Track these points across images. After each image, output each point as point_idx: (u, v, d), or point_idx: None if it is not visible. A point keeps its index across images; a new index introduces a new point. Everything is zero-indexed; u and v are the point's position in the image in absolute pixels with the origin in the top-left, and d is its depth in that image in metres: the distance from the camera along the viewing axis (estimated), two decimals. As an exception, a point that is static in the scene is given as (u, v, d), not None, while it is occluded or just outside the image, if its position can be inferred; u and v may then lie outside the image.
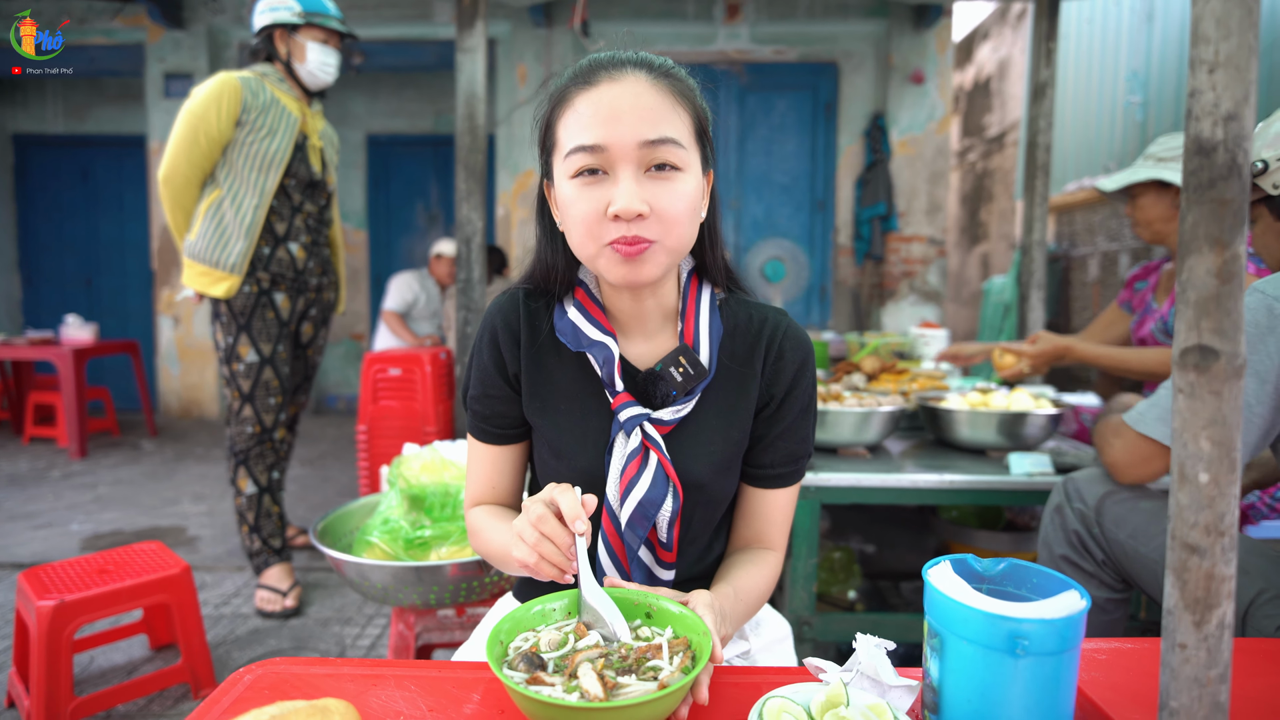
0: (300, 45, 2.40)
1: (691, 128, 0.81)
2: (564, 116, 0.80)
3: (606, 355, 0.86)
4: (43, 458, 4.59)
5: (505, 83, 5.22)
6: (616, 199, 0.76)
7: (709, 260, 0.92)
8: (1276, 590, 1.11)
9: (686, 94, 0.81)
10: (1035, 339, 2.02)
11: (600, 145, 0.76)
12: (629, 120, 0.76)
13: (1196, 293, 0.48)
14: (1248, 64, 0.45)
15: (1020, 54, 5.64)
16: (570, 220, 0.81)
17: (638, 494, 0.85)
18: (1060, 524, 1.39)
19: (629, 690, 0.62)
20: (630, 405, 0.86)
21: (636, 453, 0.85)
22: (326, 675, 0.74)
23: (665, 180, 0.78)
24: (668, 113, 0.78)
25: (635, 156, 0.76)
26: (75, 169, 6.49)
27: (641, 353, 0.91)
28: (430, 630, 1.63)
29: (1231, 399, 0.47)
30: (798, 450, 0.93)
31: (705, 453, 0.88)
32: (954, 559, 0.65)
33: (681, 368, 0.86)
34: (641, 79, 0.78)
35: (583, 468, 0.88)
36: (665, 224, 0.78)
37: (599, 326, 0.88)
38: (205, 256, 2.34)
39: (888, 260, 5.15)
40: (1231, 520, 0.49)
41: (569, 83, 0.80)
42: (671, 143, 0.77)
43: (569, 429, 0.90)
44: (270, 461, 2.49)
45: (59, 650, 1.65)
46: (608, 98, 0.77)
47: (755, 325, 0.92)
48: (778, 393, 0.91)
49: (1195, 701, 0.50)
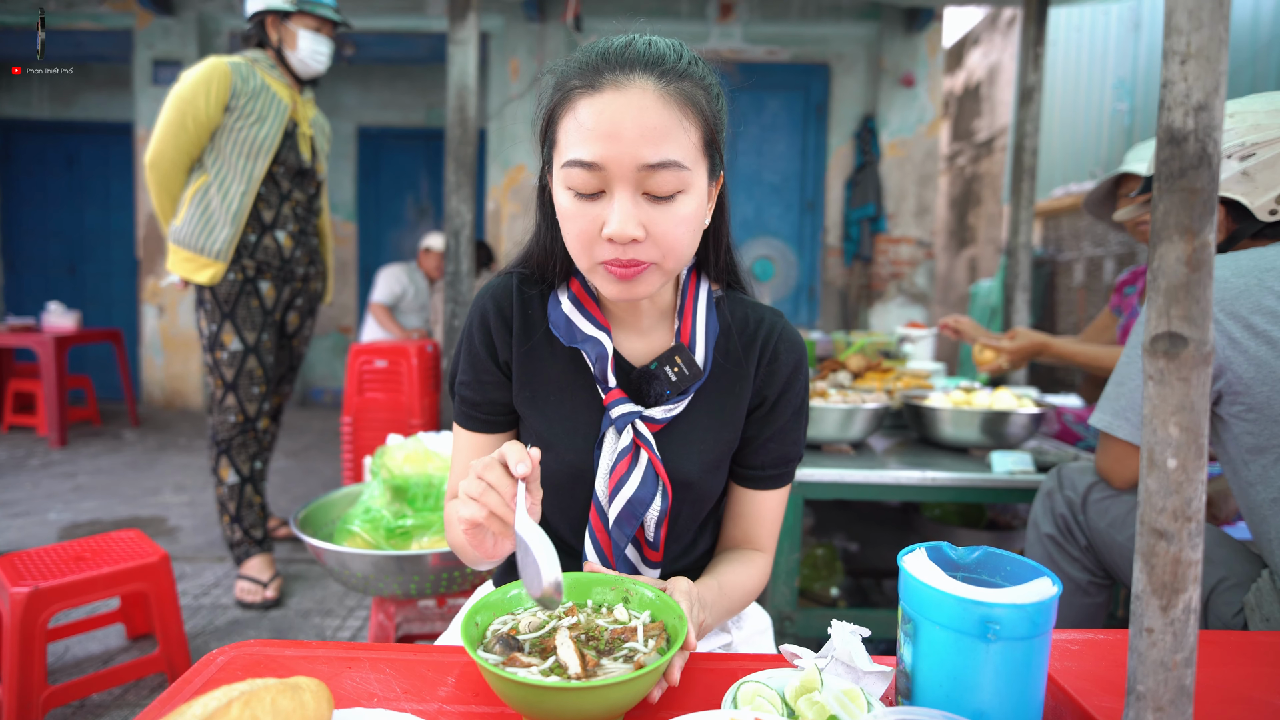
0: (292, 33, 2.38)
1: (699, 139, 0.76)
2: (564, 118, 0.76)
3: (600, 351, 0.85)
4: (21, 446, 4.53)
5: (497, 77, 5.21)
6: (611, 221, 0.73)
7: (710, 258, 0.90)
8: (1237, 578, 1.14)
9: (697, 101, 0.76)
10: (1014, 334, 2.06)
11: (597, 163, 0.72)
12: (630, 139, 0.72)
13: (1167, 280, 0.48)
14: (1218, 55, 0.45)
15: (1010, 60, 5.68)
16: (565, 232, 0.79)
17: (626, 493, 0.84)
18: (1049, 507, 1.44)
19: (604, 671, 0.62)
20: (622, 402, 0.85)
21: (627, 451, 0.84)
22: (301, 658, 0.74)
23: (664, 203, 0.74)
24: (673, 129, 0.73)
25: (633, 179, 0.73)
26: (61, 155, 6.41)
27: (635, 348, 0.90)
28: (411, 621, 1.62)
29: (1200, 386, 0.48)
30: (789, 452, 0.93)
31: (696, 451, 0.87)
32: (929, 546, 0.66)
33: (676, 367, 0.85)
34: (649, 89, 0.73)
35: (571, 461, 0.87)
36: (662, 247, 0.76)
37: (593, 320, 0.86)
38: (190, 242, 2.32)
39: (876, 261, 5.17)
40: (1198, 506, 0.49)
41: (575, 76, 0.75)
42: (673, 166, 0.73)
43: (559, 421, 0.88)
44: (253, 451, 2.47)
45: (32, 638, 1.63)
46: (610, 110, 0.72)
47: (751, 325, 0.91)
48: (771, 394, 0.90)
49: (1161, 685, 0.51)
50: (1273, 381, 1.06)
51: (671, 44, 0.77)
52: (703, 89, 0.77)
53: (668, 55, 0.75)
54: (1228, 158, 1.18)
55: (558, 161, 0.77)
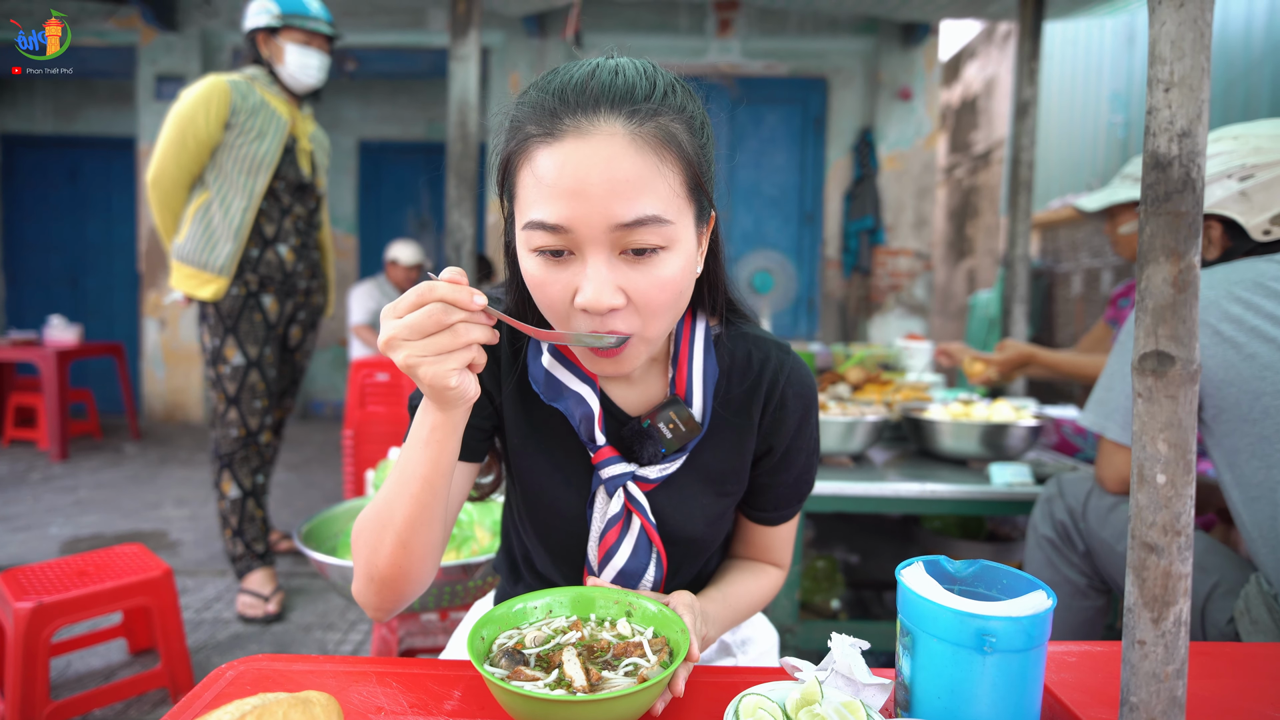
0: (280, 48, 2.41)
1: (682, 183, 0.65)
2: (521, 169, 0.66)
3: (584, 412, 0.77)
4: (22, 460, 4.54)
5: (498, 91, 5.25)
6: (585, 290, 0.63)
7: (705, 297, 0.81)
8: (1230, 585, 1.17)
9: (676, 139, 0.65)
10: (1002, 346, 2.12)
11: (562, 226, 0.62)
12: (598, 196, 0.61)
13: (1154, 300, 0.50)
14: (1200, 84, 0.47)
15: (1007, 73, 5.73)
16: (535, 299, 0.68)
17: (617, 564, 0.79)
18: (1049, 512, 1.47)
19: (609, 684, 0.63)
20: (613, 461, 0.78)
21: (618, 518, 0.79)
22: (308, 672, 0.75)
23: (644, 263, 0.64)
24: (650, 178, 0.62)
25: (606, 240, 0.63)
26: (63, 169, 6.45)
27: (627, 397, 0.82)
28: (413, 634, 1.63)
29: (1187, 403, 0.50)
30: (801, 492, 0.88)
31: (698, 508, 0.82)
32: (927, 560, 0.67)
33: (672, 424, 0.77)
34: (617, 133, 0.62)
35: (564, 513, 0.82)
36: (644, 315, 0.66)
37: (577, 373, 0.78)
38: (193, 259, 2.34)
39: (875, 273, 5.20)
40: (1187, 520, 0.51)
41: (529, 121, 0.65)
42: (652, 222, 0.63)
43: (549, 473, 0.82)
44: (255, 465, 2.48)
45: (36, 653, 1.63)
46: (572, 163, 0.61)
47: (755, 366, 0.82)
48: (779, 444, 0.83)
49: (1154, 696, 0.52)
50: (1240, 383, 1.11)
51: (643, 69, 0.67)
52: (683, 121, 0.66)
53: (638, 87, 0.64)
54: (1227, 178, 1.22)
55: (519, 219, 0.67)
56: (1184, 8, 0.47)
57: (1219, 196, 1.23)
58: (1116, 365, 1.27)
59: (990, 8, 3.71)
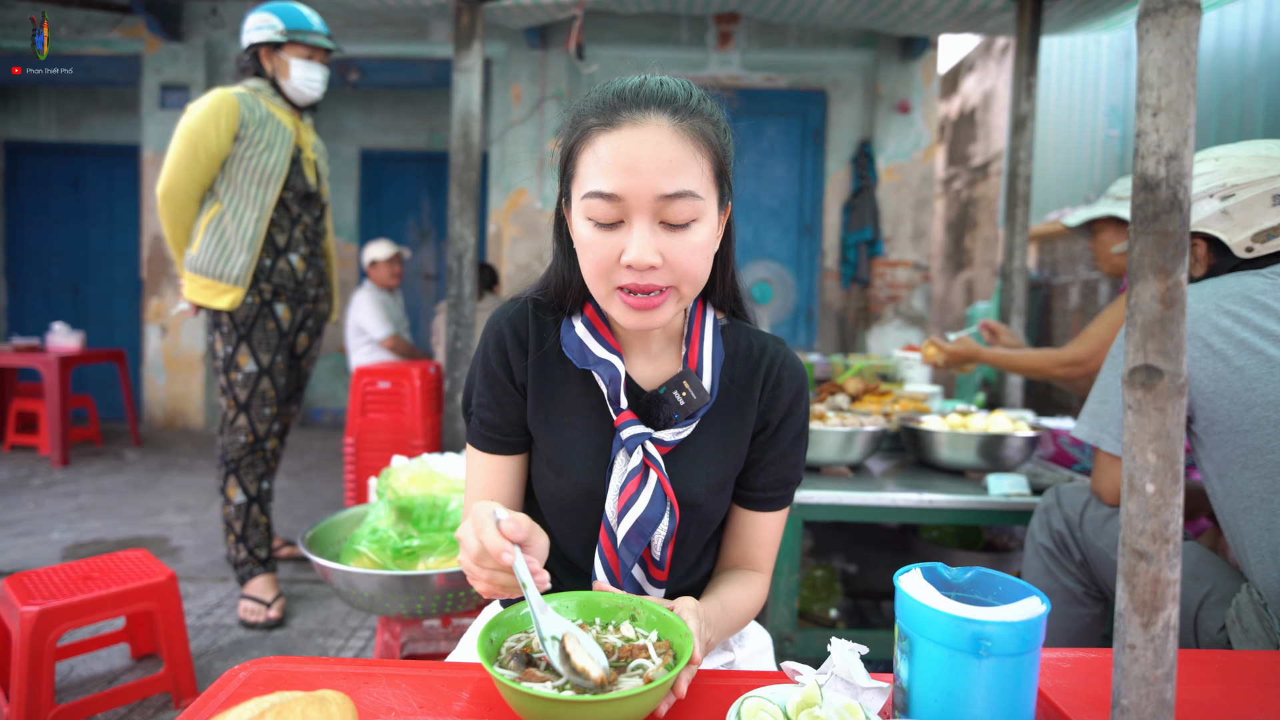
0: (284, 62, 2.44)
1: (711, 171, 0.81)
2: (583, 153, 0.81)
3: (612, 374, 0.88)
4: (24, 466, 4.54)
5: (500, 102, 5.29)
6: (630, 249, 0.78)
7: (716, 286, 0.94)
8: (1222, 593, 1.18)
9: (709, 135, 0.81)
10: (959, 341, 2.26)
11: (617, 195, 0.77)
12: (647, 172, 0.76)
13: (1143, 316, 0.52)
14: (1186, 109, 0.49)
15: (1004, 86, 5.78)
16: (584, 260, 0.83)
17: (635, 512, 0.86)
18: (1047, 521, 1.50)
19: (614, 686, 0.64)
20: (633, 424, 0.88)
21: (637, 471, 0.87)
22: (319, 673, 0.76)
23: (679, 233, 0.79)
24: (687, 162, 0.78)
25: (651, 208, 0.78)
26: (66, 177, 6.48)
27: (645, 373, 0.93)
28: (416, 640, 1.64)
29: (1175, 415, 0.51)
30: (789, 475, 0.96)
31: (703, 474, 0.90)
32: (924, 566, 0.69)
33: (685, 392, 0.88)
34: (664, 125, 0.78)
35: (581, 483, 0.90)
36: (678, 274, 0.80)
37: (605, 344, 0.90)
38: (208, 270, 2.37)
39: (873, 284, 5.23)
40: (1176, 528, 0.52)
41: (592, 115, 0.80)
42: (688, 195, 0.78)
43: (570, 444, 0.91)
44: (260, 471, 2.49)
45: (41, 657, 1.64)
46: (627, 146, 0.77)
47: (755, 352, 0.95)
48: (774, 419, 0.94)
49: (1144, 699, 0.53)
50: (1230, 395, 1.13)
51: (681, 83, 0.83)
52: (712, 124, 0.82)
53: (679, 93, 0.81)
54: (1210, 196, 1.25)
55: (577, 194, 0.81)
56: (1170, 37, 0.49)
57: (1202, 215, 1.26)
58: (1110, 378, 1.29)
59: (988, 22, 3.75)
